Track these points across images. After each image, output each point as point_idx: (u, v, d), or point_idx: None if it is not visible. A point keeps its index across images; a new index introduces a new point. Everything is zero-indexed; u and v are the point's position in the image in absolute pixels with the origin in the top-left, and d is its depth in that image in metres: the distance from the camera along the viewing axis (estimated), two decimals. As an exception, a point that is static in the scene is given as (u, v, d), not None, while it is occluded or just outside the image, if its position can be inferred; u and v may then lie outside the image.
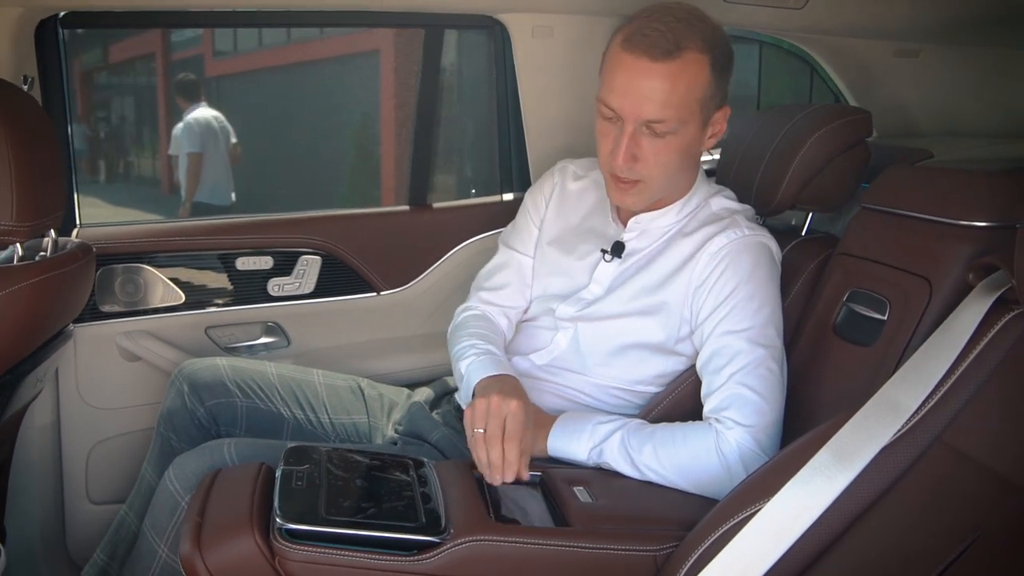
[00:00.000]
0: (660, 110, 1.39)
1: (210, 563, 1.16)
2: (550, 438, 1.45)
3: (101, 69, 9.95)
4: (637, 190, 1.48)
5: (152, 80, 9.90)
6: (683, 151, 1.45)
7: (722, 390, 1.39)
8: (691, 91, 1.40)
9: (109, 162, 9.92)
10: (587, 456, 1.43)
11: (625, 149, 1.42)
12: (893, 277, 1.45)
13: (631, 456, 1.40)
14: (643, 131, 1.42)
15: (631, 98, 1.40)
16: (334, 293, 2.20)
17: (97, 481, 2.08)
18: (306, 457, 1.30)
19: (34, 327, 1.58)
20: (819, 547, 1.13)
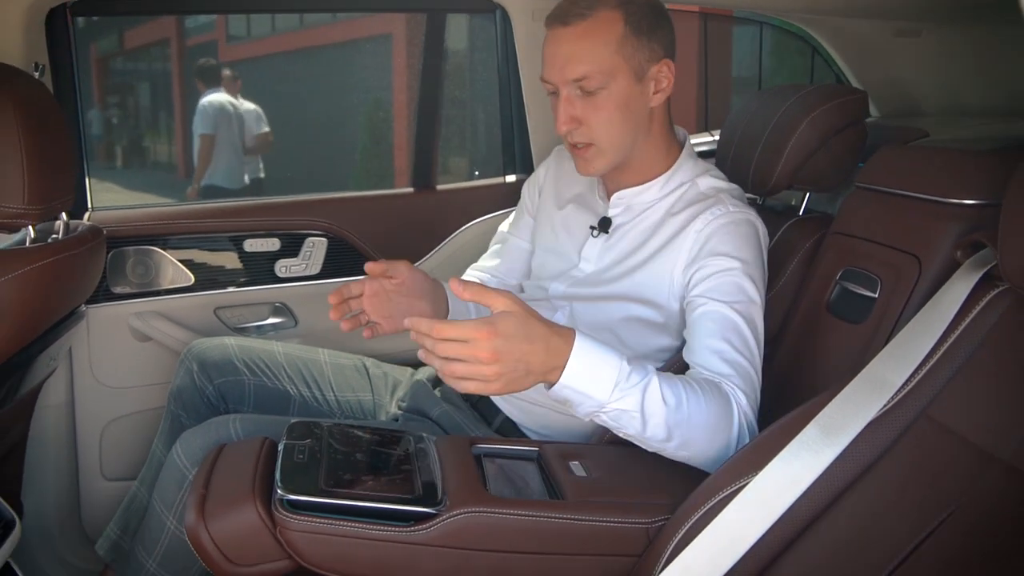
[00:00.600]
0: (579, 67, 1.46)
1: (214, 532, 1.19)
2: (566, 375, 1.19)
3: (117, 55, 9.99)
4: (592, 153, 1.52)
5: (167, 66, 9.93)
6: (622, 106, 1.49)
7: (719, 351, 1.38)
8: (607, 45, 1.45)
9: (124, 147, 9.97)
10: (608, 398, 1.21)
11: (562, 111, 1.49)
12: (884, 255, 1.46)
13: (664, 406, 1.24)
14: (575, 93, 1.48)
15: (556, 64, 1.48)
16: (340, 274, 2.23)
17: (110, 458, 2.12)
18: (308, 432, 1.33)
19: (46, 307, 1.61)
20: (806, 519, 1.15)
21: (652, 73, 1.50)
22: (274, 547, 1.20)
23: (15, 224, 1.54)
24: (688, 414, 1.26)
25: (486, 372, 1.13)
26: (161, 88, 10.26)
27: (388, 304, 1.56)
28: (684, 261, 1.50)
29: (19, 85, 1.53)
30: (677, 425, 1.25)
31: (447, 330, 1.13)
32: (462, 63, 3.49)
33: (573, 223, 1.67)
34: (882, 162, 1.57)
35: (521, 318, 1.15)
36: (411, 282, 1.56)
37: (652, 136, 1.56)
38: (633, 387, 1.21)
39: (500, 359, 1.13)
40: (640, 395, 1.22)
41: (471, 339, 1.12)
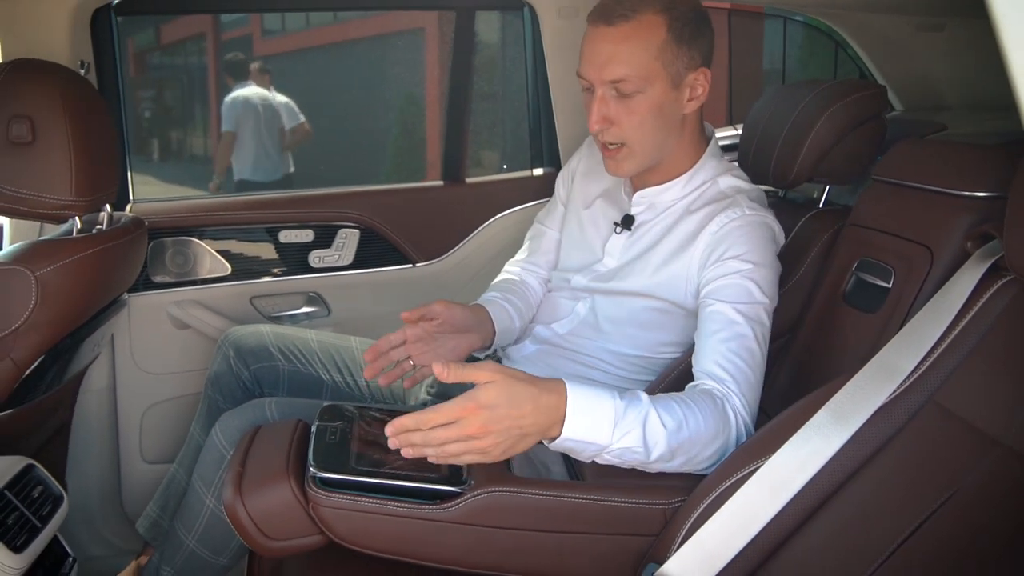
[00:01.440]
0: (618, 69, 1.45)
1: (250, 508, 1.24)
2: (567, 427, 1.19)
3: (154, 50, 10.09)
4: (622, 155, 1.54)
5: (203, 60, 10.01)
6: (656, 111, 1.49)
7: (719, 356, 1.40)
8: (647, 50, 1.45)
9: (161, 141, 10.07)
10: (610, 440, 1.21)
11: (596, 111, 1.49)
12: (898, 246, 1.48)
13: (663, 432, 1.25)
14: (611, 94, 1.48)
15: (594, 63, 1.48)
16: (372, 265, 2.29)
17: (150, 441, 2.19)
18: (339, 414, 1.38)
19: (91, 295, 1.67)
20: (816, 501, 1.18)
21: (688, 80, 1.51)
22: (307, 522, 1.24)
23: (62, 215, 1.60)
24: (689, 434, 1.27)
25: (481, 445, 1.14)
26: (197, 82, 10.36)
27: (433, 345, 1.58)
28: (698, 262, 1.52)
29: (67, 82, 1.59)
30: (680, 446, 1.26)
31: (433, 418, 1.13)
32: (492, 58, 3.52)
33: (599, 218, 1.70)
34: (899, 156, 1.59)
35: (504, 385, 1.14)
36: (451, 319, 1.58)
37: (683, 139, 1.58)
38: (632, 423, 1.22)
39: (491, 430, 1.13)
40: (640, 429, 1.22)
41: (458, 419, 1.13)
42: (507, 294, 1.75)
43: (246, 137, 5.13)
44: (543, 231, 1.86)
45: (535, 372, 1.64)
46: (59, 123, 1.54)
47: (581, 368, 1.66)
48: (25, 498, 1.39)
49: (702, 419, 1.29)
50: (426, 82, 6.98)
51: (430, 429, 1.14)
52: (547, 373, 1.65)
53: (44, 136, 1.53)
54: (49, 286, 1.52)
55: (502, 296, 1.74)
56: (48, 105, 1.54)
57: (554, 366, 1.68)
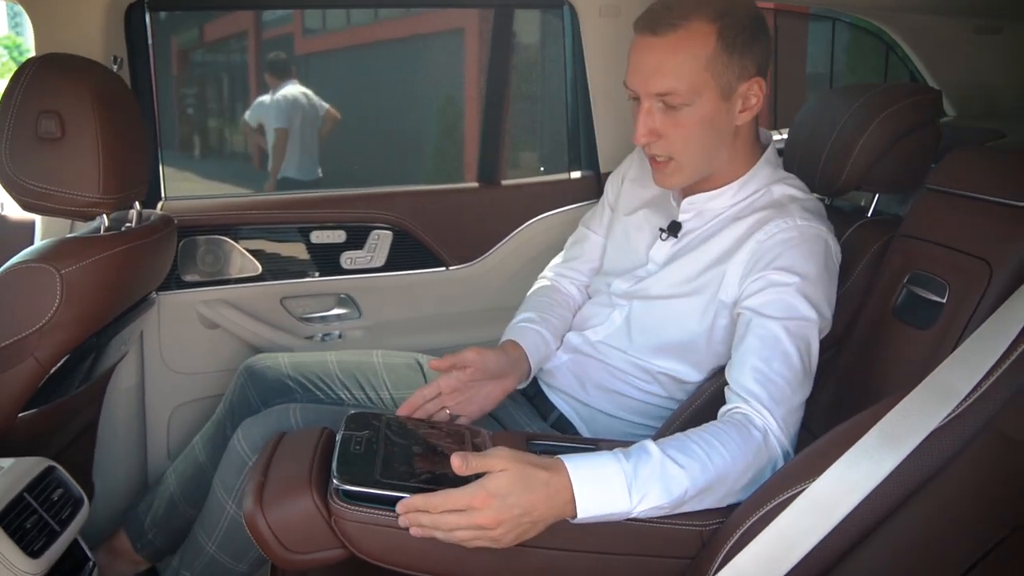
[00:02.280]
0: (664, 81, 1.40)
1: (271, 520, 1.20)
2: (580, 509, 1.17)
3: (196, 48, 10.18)
4: (670, 169, 1.48)
5: (244, 58, 10.08)
6: (705, 125, 1.43)
7: (759, 374, 1.34)
8: (695, 61, 1.39)
9: (202, 138, 10.16)
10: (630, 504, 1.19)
11: (641, 124, 1.44)
12: (953, 259, 1.43)
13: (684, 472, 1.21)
14: (657, 106, 1.43)
15: (640, 74, 1.42)
16: (404, 267, 2.25)
17: (177, 441, 2.17)
18: (366, 423, 1.34)
19: (119, 293, 1.66)
20: (863, 529, 1.12)
21: (741, 91, 1.44)
22: (329, 536, 1.21)
23: (91, 213, 1.59)
24: (716, 471, 1.23)
25: (492, 535, 1.13)
26: (239, 81, 10.44)
27: (468, 394, 1.53)
28: (740, 271, 1.46)
29: (97, 78, 1.58)
30: (709, 486, 1.22)
31: (442, 503, 1.12)
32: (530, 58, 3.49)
33: (645, 223, 1.65)
34: (954, 164, 1.53)
35: (515, 473, 1.13)
36: (483, 366, 1.53)
37: (735, 150, 1.52)
38: (648, 481, 1.18)
39: (502, 520, 1.12)
40: (659, 484, 1.19)
41: (469, 508, 1.12)
42: (543, 314, 1.70)
43: (293, 134, 5.15)
44: (587, 235, 1.82)
45: (564, 382, 1.66)
46: (88, 119, 1.52)
47: (610, 379, 1.62)
48: (45, 501, 1.37)
49: (727, 453, 1.24)
50: (465, 83, 6.97)
51: (440, 513, 1.12)
52: (576, 382, 1.65)
53: (73, 132, 1.51)
54: (74, 285, 1.50)
55: (538, 318, 1.69)
56: (77, 101, 1.52)
57: (584, 375, 1.65)
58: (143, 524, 1.83)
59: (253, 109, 5.43)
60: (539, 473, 1.15)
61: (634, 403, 1.61)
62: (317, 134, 5.30)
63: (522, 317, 1.70)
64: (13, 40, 13.81)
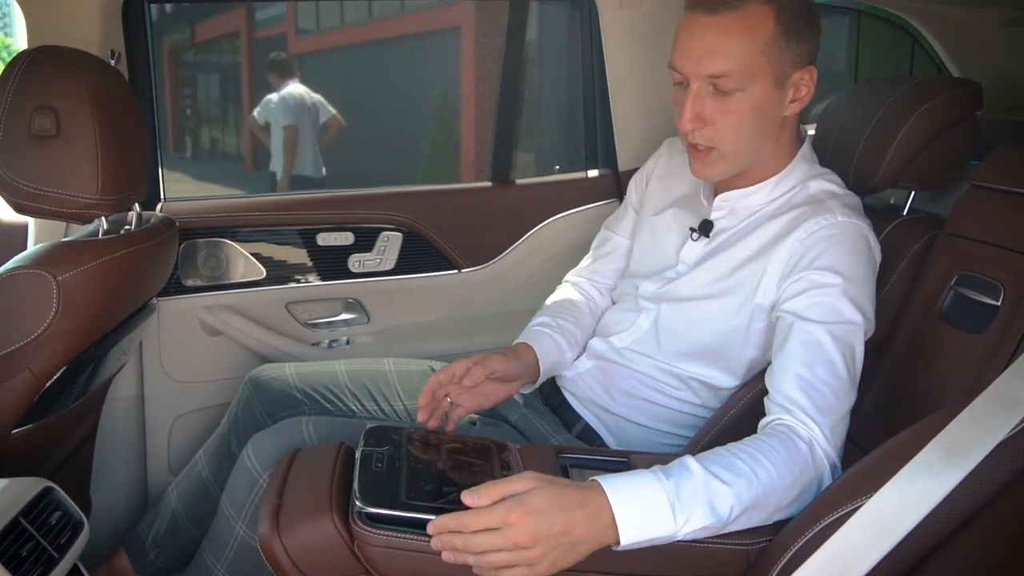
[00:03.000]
0: (719, 63, 1.33)
1: (288, 546, 1.14)
2: (623, 535, 1.09)
3: (187, 48, 10.12)
4: (712, 159, 1.41)
5: (236, 58, 10.05)
6: (755, 113, 1.37)
7: (804, 383, 1.27)
8: (752, 44, 1.33)
9: (194, 139, 10.12)
10: (675, 526, 1.11)
11: (690, 108, 1.36)
12: (1008, 260, 1.37)
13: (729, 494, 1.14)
14: (707, 90, 1.36)
15: (691, 54, 1.35)
16: (415, 270, 2.19)
17: (179, 454, 2.10)
18: (386, 438, 1.27)
19: (119, 299, 1.58)
20: (925, 549, 1.06)
21: (793, 80, 1.39)
22: (351, 562, 1.15)
23: (88, 215, 1.51)
24: (762, 487, 1.15)
25: (528, 556, 1.04)
26: (231, 80, 10.40)
27: (473, 390, 1.47)
28: (778, 272, 1.39)
29: (95, 73, 1.50)
30: (755, 503, 1.15)
31: (475, 521, 1.04)
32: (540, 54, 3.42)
33: (674, 222, 1.58)
34: (1004, 159, 1.47)
35: (551, 489, 1.06)
36: (501, 373, 1.47)
37: (779, 143, 1.46)
38: (692, 500, 1.10)
39: (540, 538, 1.04)
40: (705, 503, 1.11)
41: (503, 525, 1.03)
42: (560, 320, 1.63)
43: (305, 133, 5.12)
44: (611, 237, 1.75)
45: (588, 390, 1.59)
46: (85, 116, 1.44)
47: (638, 386, 1.55)
48: (42, 525, 1.28)
49: (773, 468, 1.17)
50: (462, 82, 6.94)
51: (472, 533, 1.04)
52: (601, 390, 1.58)
53: (69, 129, 1.43)
54: (72, 292, 1.42)
55: (554, 324, 1.62)
56: (74, 96, 1.44)
57: (610, 382, 1.58)
58: (144, 543, 1.76)
59: (261, 107, 5.42)
60: (574, 491, 1.08)
61: (664, 411, 1.54)
62: (320, 137, 5.27)
63: (538, 321, 1.64)
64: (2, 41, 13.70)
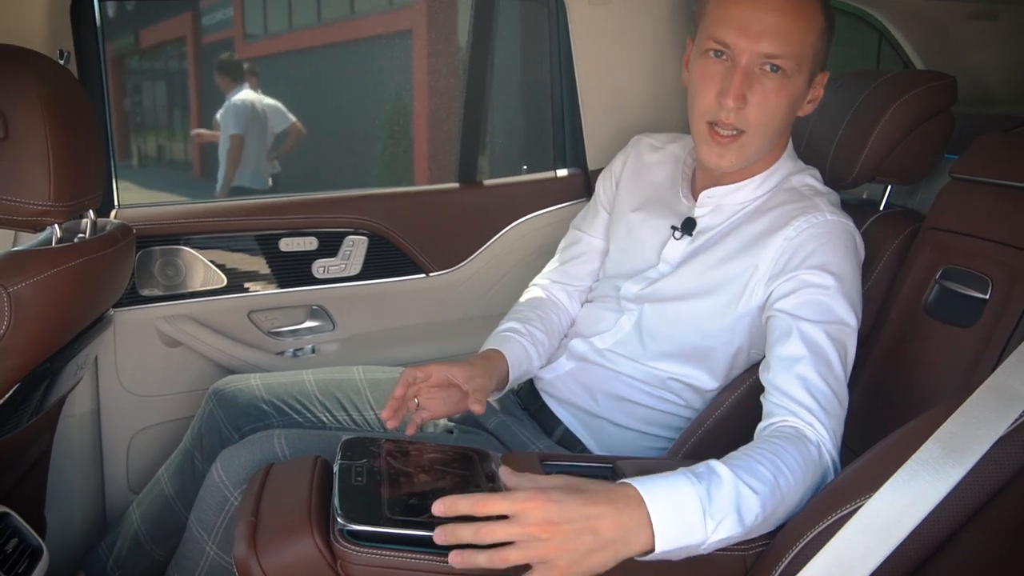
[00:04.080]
0: (780, 45, 1.31)
1: (267, 566, 1.09)
2: (660, 540, 1.01)
3: (132, 53, 9.98)
4: (737, 145, 1.37)
5: (183, 64, 9.94)
6: (791, 102, 1.36)
7: (799, 379, 1.25)
8: (808, 33, 1.33)
9: (140, 146, 9.98)
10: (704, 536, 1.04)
11: (738, 84, 1.32)
12: (995, 252, 1.37)
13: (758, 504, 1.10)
14: (757, 70, 1.33)
15: (750, 30, 1.31)
16: (382, 275, 2.15)
17: (138, 470, 2.04)
18: (364, 450, 1.23)
19: (75, 311, 1.51)
20: (929, 548, 1.04)
21: (817, 80, 1.40)
22: None
23: (40, 223, 1.43)
24: (783, 494, 1.12)
25: (544, 551, 0.95)
26: (177, 86, 10.27)
27: (443, 393, 1.46)
28: (767, 271, 1.37)
29: (45, 73, 1.43)
30: (775, 510, 1.11)
31: (491, 504, 0.96)
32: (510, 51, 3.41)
33: (653, 220, 1.56)
34: (983, 151, 1.47)
35: (574, 482, 1.01)
36: (454, 380, 1.44)
37: (779, 141, 1.45)
38: (722, 508, 1.05)
39: (558, 531, 0.96)
40: (734, 512, 1.06)
41: (519, 512, 0.96)
42: (530, 327, 1.60)
43: (248, 142, 5.01)
44: (581, 238, 1.72)
45: (569, 392, 1.56)
46: (36, 118, 1.37)
47: (622, 387, 1.53)
48: (-2, 553, 1.21)
49: (791, 474, 1.13)
50: (414, 85, 6.91)
51: (484, 521, 0.96)
52: (583, 392, 1.56)
53: (18, 132, 1.36)
54: (25, 304, 1.35)
55: (524, 331, 1.59)
56: (24, 97, 1.36)
57: (592, 384, 1.55)
58: (106, 566, 1.70)
59: (229, 112, 5.31)
60: (601, 486, 1.01)
61: (649, 412, 1.52)
62: (276, 147, 5.18)
63: (507, 327, 1.61)
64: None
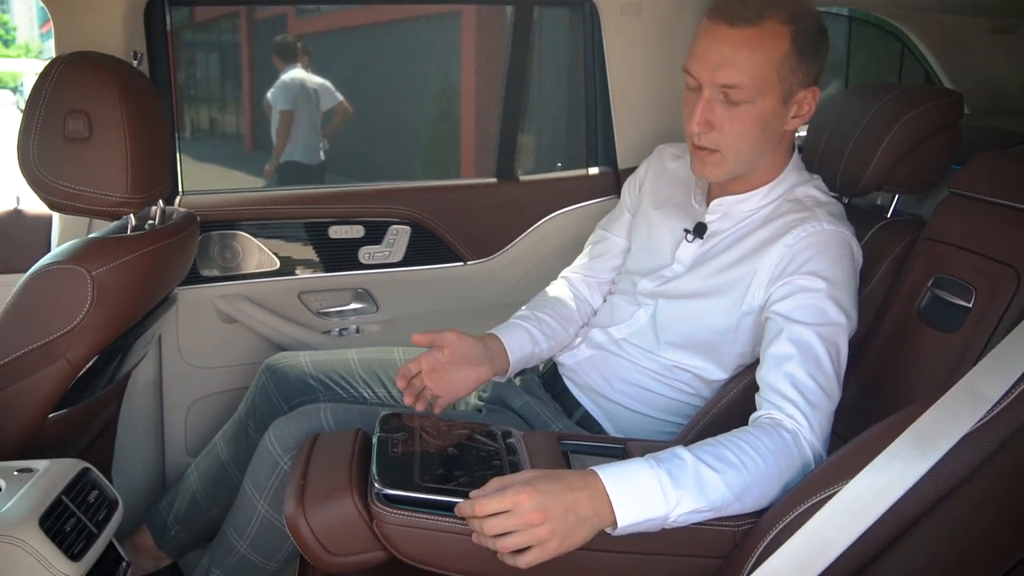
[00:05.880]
0: (733, 75, 1.39)
1: (313, 523, 1.22)
2: (619, 516, 1.19)
3: (187, 26, 10.05)
4: (714, 160, 1.48)
5: (236, 37, 9.96)
6: (760, 124, 1.44)
7: (794, 379, 1.35)
8: (767, 60, 1.39)
9: (193, 118, 10.06)
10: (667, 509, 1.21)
11: (700, 113, 1.43)
12: (979, 264, 1.44)
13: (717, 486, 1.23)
14: (719, 98, 1.43)
15: (708, 62, 1.41)
16: (422, 262, 2.26)
17: (195, 435, 2.19)
18: (400, 425, 1.36)
19: (147, 293, 1.66)
20: (895, 532, 1.14)
21: (798, 97, 1.46)
22: (370, 539, 1.23)
23: (118, 212, 1.59)
24: (751, 476, 1.25)
25: (539, 534, 1.14)
26: (231, 60, 10.33)
27: (445, 376, 1.57)
28: (767, 275, 1.48)
29: (124, 77, 1.57)
30: (746, 489, 1.24)
31: (489, 504, 1.14)
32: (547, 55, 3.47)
33: (670, 222, 1.67)
34: (979, 168, 1.54)
35: (552, 474, 1.19)
36: (460, 351, 1.57)
37: (776, 153, 1.54)
38: (683, 484, 1.20)
39: (549, 516, 1.14)
40: (695, 488, 1.21)
41: (514, 506, 1.14)
42: (540, 312, 1.73)
43: (299, 119, 5.09)
44: (606, 236, 1.83)
45: (588, 377, 1.68)
46: (116, 119, 1.52)
47: (635, 375, 1.64)
48: (81, 503, 1.37)
49: (759, 457, 1.26)
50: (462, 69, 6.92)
51: (487, 517, 1.15)
52: (600, 378, 1.67)
53: (100, 132, 1.51)
54: (105, 286, 1.50)
55: (532, 317, 1.72)
56: (106, 101, 1.52)
57: (609, 371, 1.66)
58: (166, 521, 1.85)
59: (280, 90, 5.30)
60: (574, 475, 1.19)
61: (660, 399, 1.63)
62: (322, 124, 5.22)
63: (518, 315, 1.73)
64: (0, 18, 13.64)
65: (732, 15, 1.40)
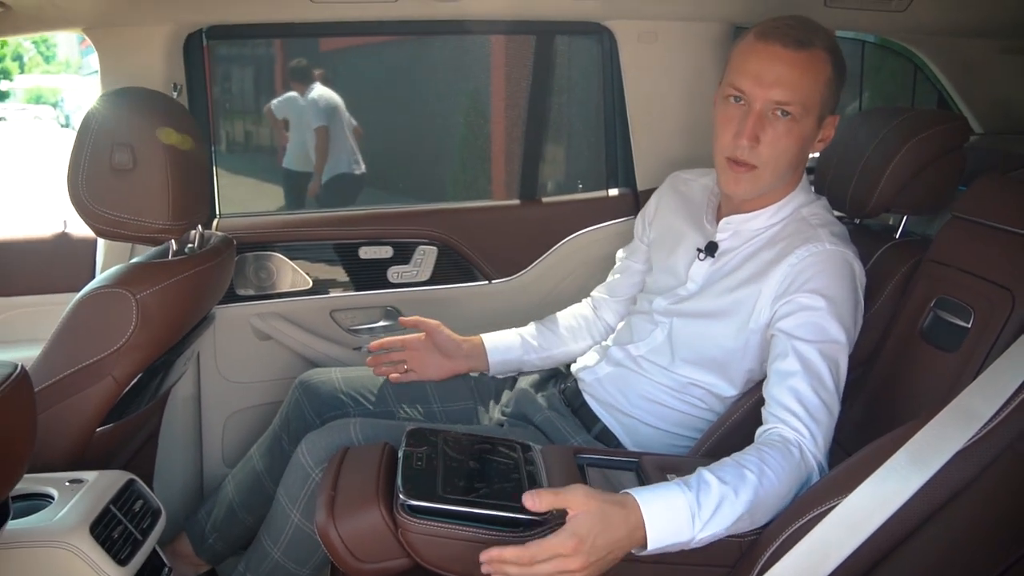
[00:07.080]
0: (788, 93, 1.48)
1: (342, 532, 1.29)
2: (650, 536, 1.24)
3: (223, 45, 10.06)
4: (751, 176, 1.55)
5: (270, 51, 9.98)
6: (801, 143, 1.53)
7: (791, 391, 1.42)
8: (816, 83, 1.49)
9: (228, 131, 10.09)
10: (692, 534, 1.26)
11: (751, 127, 1.50)
12: (978, 286, 1.48)
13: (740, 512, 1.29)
14: (769, 115, 1.50)
15: (763, 80, 1.49)
16: (449, 281, 2.33)
17: (232, 447, 2.26)
18: (424, 440, 1.42)
19: (186, 315, 1.74)
20: (891, 543, 1.19)
21: (826, 122, 1.55)
22: (395, 547, 1.30)
23: (161, 239, 1.68)
24: (765, 495, 1.30)
25: (571, 565, 1.18)
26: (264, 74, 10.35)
27: (422, 356, 1.87)
28: (772, 293, 1.53)
29: (165, 111, 1.66)
30: (759, 509, 1.30)
31: (537, 553, 1.17)
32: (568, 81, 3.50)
33: (684, 243, 1.73)
34: (981, 192, 1.58)
35: (596, 513, 1.20)
36: (436, 340, 1.86)
37: (793, 175, 1.61)
38: (709, 510, 1.25)
39: (591, 563, 1.19)
40: (719, 512, 1.26)
41: (560, 556, 1.18)
42: (542, 324, 1.94)
43: (335, 131, 5.07)
44: (628, 266, 1.92)
45: (606, 393, 1.73)
46: (158, 151, 1.60)
47: (652, 391, 1.69)
48: (128, 512, 1.46)
49: (775, 477, 1.32)
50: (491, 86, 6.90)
51: (531, 565, 1.18)
52: (618, 393, 1.72)
53: (144, 163, 1.59)
54: (149, 308, 1.59)
55: (532, 327, 1.93)
56: (148, 135, 1.60)
57: (627, 387, 1.72)
58: (204, 529, 1.91)
59: (281, 103, 5.37)
60: (617, 511, 1.23)
61: (676, 414, 1.69)
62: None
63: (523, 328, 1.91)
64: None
65: (785, 37, 1.49)
